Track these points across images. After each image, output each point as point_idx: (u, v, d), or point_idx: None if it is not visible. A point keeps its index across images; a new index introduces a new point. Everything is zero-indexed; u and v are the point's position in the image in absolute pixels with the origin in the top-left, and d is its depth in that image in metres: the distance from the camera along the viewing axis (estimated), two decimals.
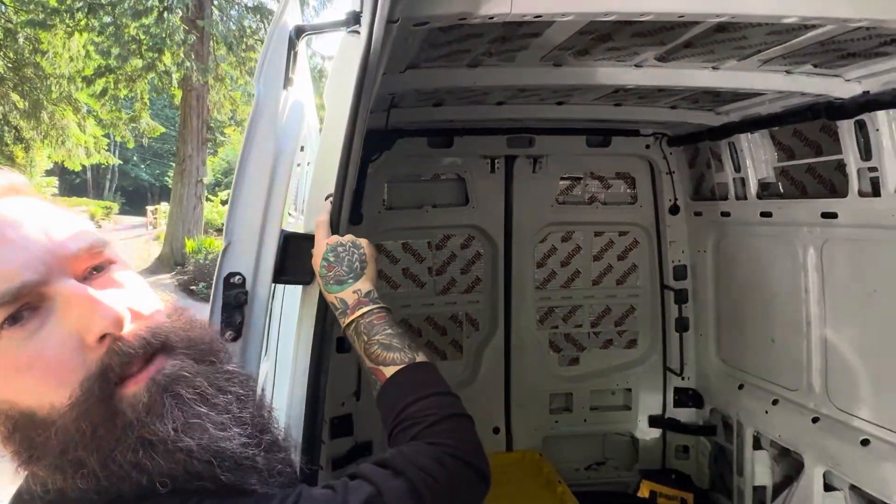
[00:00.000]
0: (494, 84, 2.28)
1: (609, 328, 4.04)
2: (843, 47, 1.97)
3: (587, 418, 4.01)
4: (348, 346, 1.38)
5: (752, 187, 3.11)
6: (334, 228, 1.28)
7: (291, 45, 1.25)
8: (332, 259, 1.23)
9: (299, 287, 1.35)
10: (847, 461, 2.71)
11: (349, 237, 1.26)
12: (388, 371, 1.14)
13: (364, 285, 1.22)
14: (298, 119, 1.33)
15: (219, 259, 1.19)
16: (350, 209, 1.59)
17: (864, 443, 2.65)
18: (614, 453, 4.08)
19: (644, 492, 3.41)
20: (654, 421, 4.00)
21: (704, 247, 3.66)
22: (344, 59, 1.19)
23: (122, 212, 41.66)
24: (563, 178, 3.86)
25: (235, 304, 1.16)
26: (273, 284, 1.24)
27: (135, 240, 27.59)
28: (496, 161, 3.71)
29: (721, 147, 3.27)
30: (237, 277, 1.17)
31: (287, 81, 1.26)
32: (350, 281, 1.22)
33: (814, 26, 1.69)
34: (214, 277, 1.18)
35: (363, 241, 1.26)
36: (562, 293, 3.98)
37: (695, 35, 1.82)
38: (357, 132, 1.20)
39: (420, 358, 1.16)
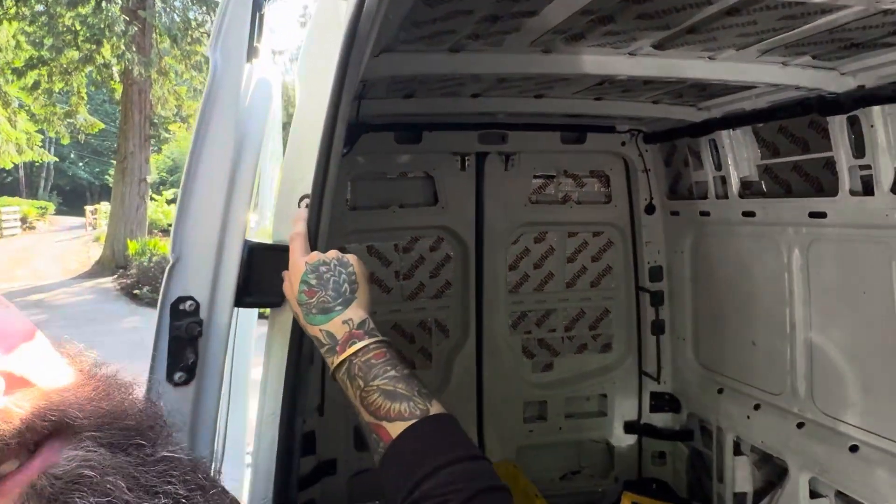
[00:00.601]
0: (476, 71, 2.07)
1: (583, 332, 3.89)
2: (849, 37, 1.85)
3: (562, 426, 3.85)
4: (310, 352, 1.12)
5: (734, 186, 3.01)
6: (312, 241, 1.03)
7: (257, 7, 0.99)
8: (313, 282, 0.97)
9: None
10: (836, 468, 2.63)
11: (334, 253, 1.00)
12: (395, 429, 0.90)
13: (356, 313, 0.97)
14: (266, 100, 1.08)
15: (164, 280, 0.93)
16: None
17: (853, 449, 2.57)
18: (590, 461, 3.94)
19: (625, 502, 3.28)
20: (629, 427, 3.88)
21: (681, 247, 3.55)
22: (325, 23, 0.95)
23: (59, 212, 39.58)
24: (536, 177, 3.69)
25: (187, 336, 0.90)
26: (235, 309, 0.99)
27: (73, 241, 26.19)
28: (467, 158, 3.51)
29: (700, 144, 3.16)
30: (188, 303, 0.92)
31: (252, 52, 1.00)
32: (338, 309, 0.96)
33: (833, 10, 1.55)
34: (158, 303, 0.91)
35: (351, 258, 1.02)
36: (535, 297, 3.81)
37: (703, 18, 1.66)
38: (340, 117, 0.97)
39: (434, 408, 0.92)
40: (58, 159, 38.97)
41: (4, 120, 19.46)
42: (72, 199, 46.26)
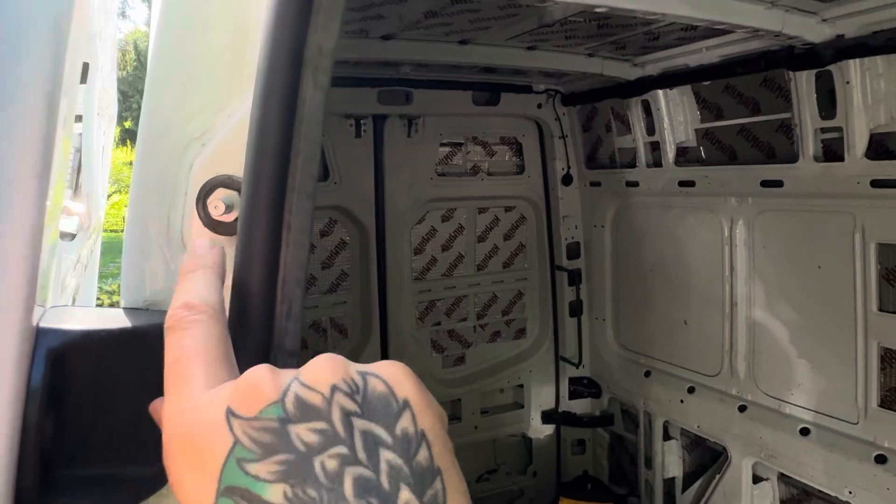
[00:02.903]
0: None
1: (496, 318, 3.50)
2: None
3: (477, 424, 3.46)
4: None
5: (670, 153, 2.71)
6: (262, 318, 0.40)
7: None
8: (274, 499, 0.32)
9: None
10: (785, 452, 2.48)
11: (345, 372, 0.35)
12: None
13: None
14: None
15: None
16: None
17: (804, 432, 2.42)
18: (506, 457, 3.60)
19: None
20: (547, 417, 3.59)
21: (602, 221, 3.25)
22: None
23: None
24: (441, 145, 3.16)
25: None
26: None
27: None
28: (363, 122, 2.88)
29: (629, 106, 2.83)
30: None
31: None
32: None
33: None
34: None
35: (408, 391, 0.36)
36: (444, 283, 3.33)
37: None
38: None
39: None
40: None
41: None
42: None
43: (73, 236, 1.06)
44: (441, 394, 3.34)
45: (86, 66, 0.89)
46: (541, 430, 3.60)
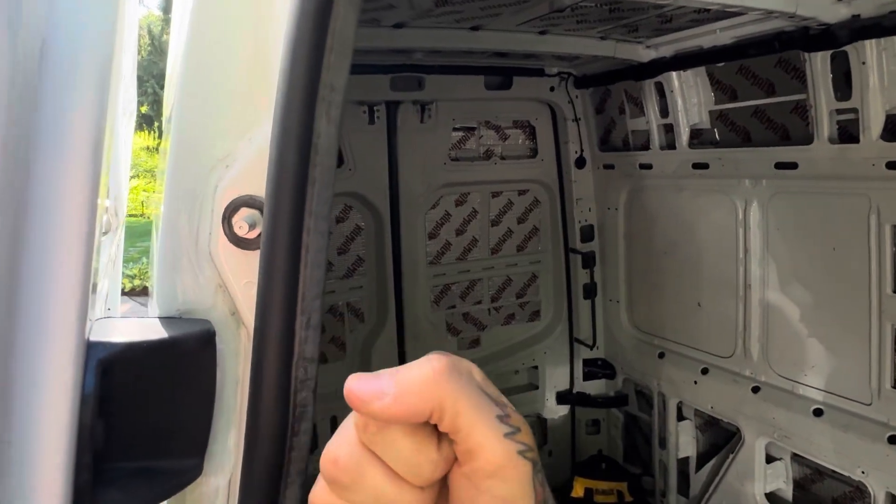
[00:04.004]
0: None
1: (510, 301, 3.53)
2: None
3: None
4: None
5: (684, 135, 2.70)
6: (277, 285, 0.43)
7: None
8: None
9: None
10: (798, 433, 2.50)
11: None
12: None
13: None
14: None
15: None
16: None
17: (818, 413, 2.44)
18: None
19: (578, 490, 3.03)
20: (561, 397, 3.63)
21: (615, 204, 3.25)
22: None
23: None
24: (455, 129, 3.18)
25: None
26: None
27: None
28: (376, 109, 2.90)
29: (642, 89, 2.81)
30: None
31: None
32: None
33: None
34: None
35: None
36: (458, 267, 3.36)
37: None
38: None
39: None
40: None
41: None
42: None
43: (104, 233, 1.11)
44: None
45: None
46: (555, 411, 3.65)
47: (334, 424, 3.04)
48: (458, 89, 2.98)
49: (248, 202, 0.47)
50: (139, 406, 0.43)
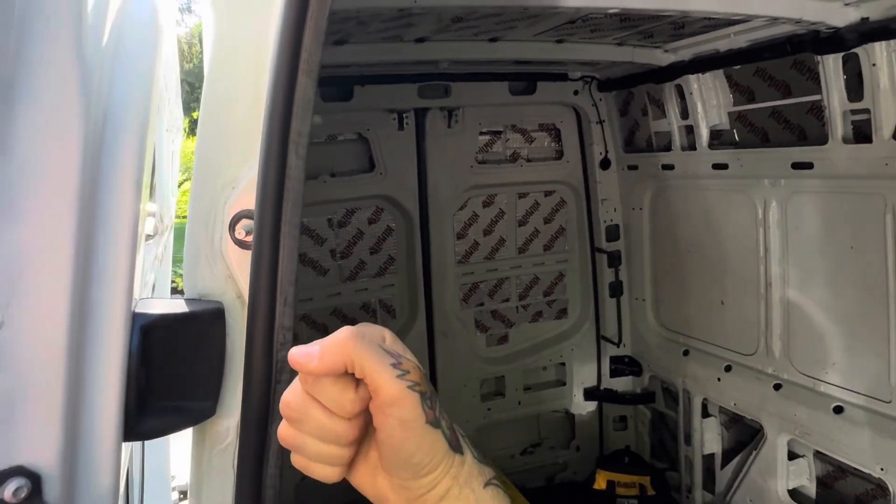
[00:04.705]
0: (436, 4, 1.62)
1: (538, 299, 3.63)
2: None
3: (521, 400, 3.62)
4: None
5: (703, 136, 2.75)
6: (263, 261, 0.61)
7: None
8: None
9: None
10: (819, 430, 2.52)
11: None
12: None
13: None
14: (149, 34, 0.60)
15: None
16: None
17: (838, 410, 2.46)
18: (550, 432, 3.75)
19: (601, 482, 3.11)
20: (589, 394, 3.71)
21: (640, 204, 3.31)
22: None
23: None
24: (482, 133, 3.30)
25: None
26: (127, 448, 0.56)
27: None
28: (405, 116, 3.06)
29: (663, 91, 2.87)
30: (15, 485, 0.48)
31: None
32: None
33: None
34: None
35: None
36: (486, 266, 3.49)
37: None
38: (307, 56, 0.54)
39: None
40: None
41: None
42: None
43: (150, 237, 1.30)
44: (485, 370, 3.52)
45: None
46: (583, 407, 3.73)
47: None
48: (484, 95, 3.10)
49: (248, 215, 0.62)
50: (169, 361, 0.59)
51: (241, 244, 0.63)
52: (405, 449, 0.50)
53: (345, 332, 0.51)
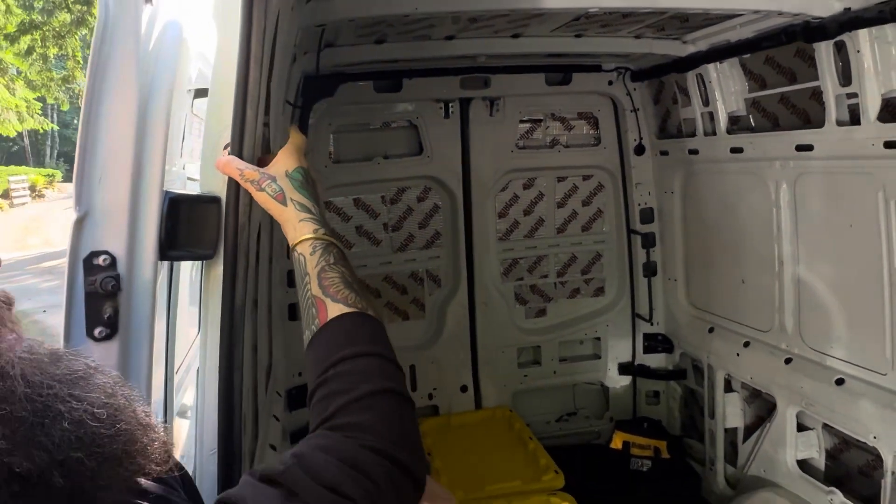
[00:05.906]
0: (441, 10, 1.99)
1: (576, 277, 3.89)
2: None
3: (556, 370, 3.90)
4: (243, 304, 1.15)
5: (722, 122, 2.93)
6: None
7: None
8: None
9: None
10: (821, 401, 2.65)
11: None
12: (333, 309, 0.94)
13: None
14: (176, 46, 1.04)
15: (70, 236, 0.92)
16: None
17: (839, 382, 2.58)
18: (585, 403, 4.00)
19: (617, 443, 3.35)
20: (623, 368, 3.91)
21: (672, 187, 3.50)
22: None
23: (67, 179, 39.59)
24: (522, 121, 3.62)
25: (102, 291, 0.90)
26: (165, 264, 0.99)
27: None
28: (450, 105, 3.43)
29: (688, 80, 3.06)
30: (102, 258, 0.91)
31: None
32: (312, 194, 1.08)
33: None
34: (68, 259, 0.90)
35: None
36: (525, 243, 3.79)
37: None
38: (253, 54, 0.94)
39: (372, 315, 0.98)
40: (60, 126, 38.79)
41: (2, 88, 19.29)
42: None
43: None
44: (522, 339, 3.83)
45: None
46: (617, 381, 3.93)
47: (413, 372, 3.62)
48: (521, 86, 3.41)
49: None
50: (185, 221, 1.03)
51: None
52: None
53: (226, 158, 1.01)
